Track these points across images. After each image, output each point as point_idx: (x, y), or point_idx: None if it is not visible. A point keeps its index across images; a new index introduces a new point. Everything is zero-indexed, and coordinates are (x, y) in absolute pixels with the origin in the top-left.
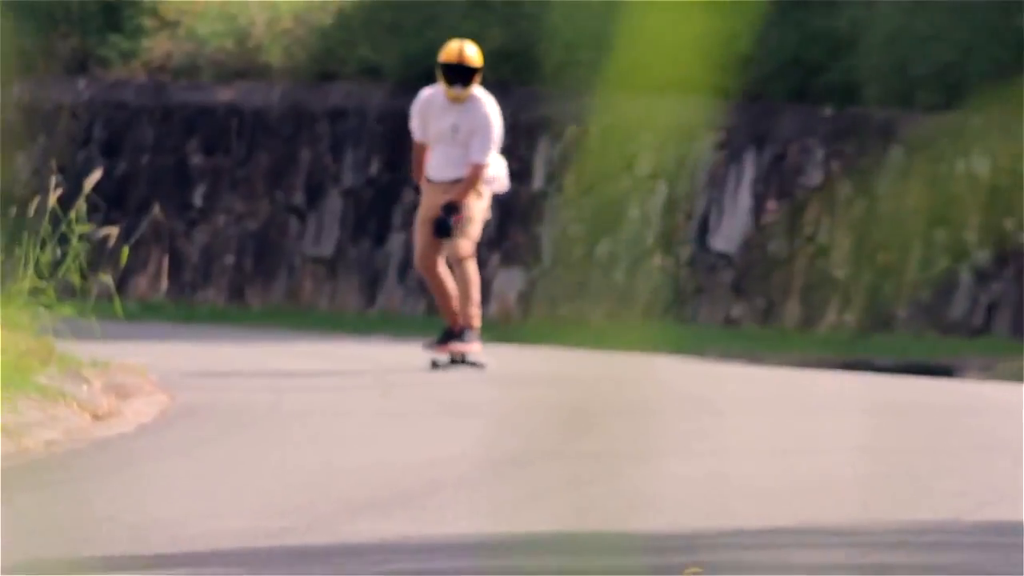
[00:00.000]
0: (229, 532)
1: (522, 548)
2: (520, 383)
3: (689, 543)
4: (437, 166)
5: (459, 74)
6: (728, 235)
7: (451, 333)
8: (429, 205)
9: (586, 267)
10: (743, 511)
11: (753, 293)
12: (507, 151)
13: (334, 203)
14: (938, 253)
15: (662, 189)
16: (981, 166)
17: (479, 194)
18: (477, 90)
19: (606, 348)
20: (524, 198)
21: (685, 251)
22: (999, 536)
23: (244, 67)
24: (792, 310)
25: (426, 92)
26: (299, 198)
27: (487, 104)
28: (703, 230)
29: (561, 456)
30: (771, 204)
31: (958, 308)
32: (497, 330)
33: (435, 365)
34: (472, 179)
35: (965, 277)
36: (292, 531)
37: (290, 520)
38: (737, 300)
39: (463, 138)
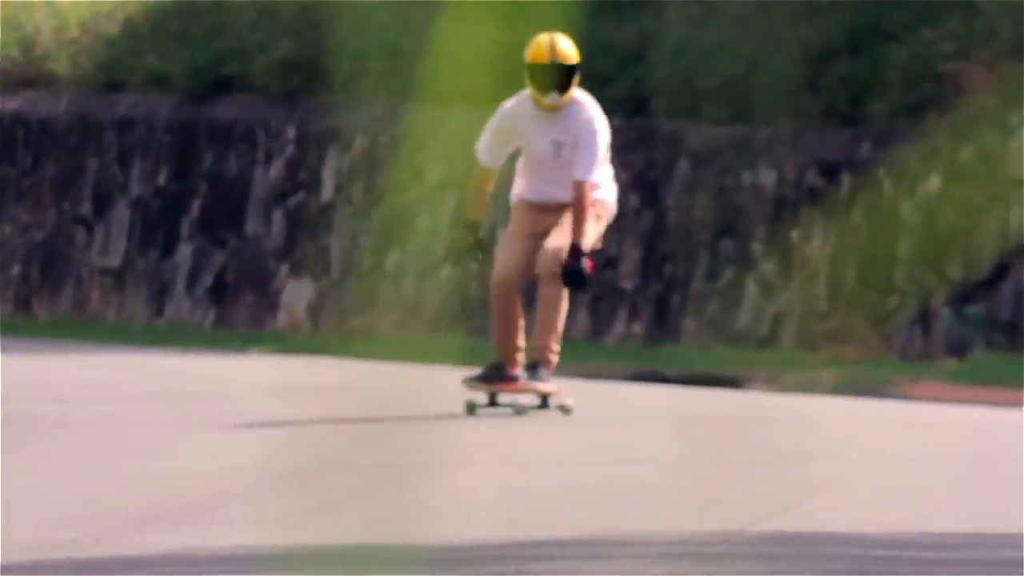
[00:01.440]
0: (14, 544)
1: (309, 560)
2: (309, 395)
3: (476, 555)
4: (538, 189)
5: (553, 76)
6: None
7: (503, 373)
8: (527, 226)
9: (375, 278)
10: (531, 522)
11: None
12: (295, 162)
13: (121, 213)
14: (724, 264)
15: (451, 200)
16: (767, 178)
17: (597, 217)
18: (576, 92)
19: (395, 360)
20: (313, 208)
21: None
22: (784, 547)
23: (30, 76)
24: (580, 321)
25: (510, 105)
26: (86, 208)
27: (590, 108)
28: (491, 241)
29: (349, 468)
30: None
31: (744, 319)
32: (285, 341)
33: (472, 409)
34: (581, 205)
35: (751, 288)
36: (78, 543)
37: (76, 532)
38: (525, 311)
39: (569, 154)
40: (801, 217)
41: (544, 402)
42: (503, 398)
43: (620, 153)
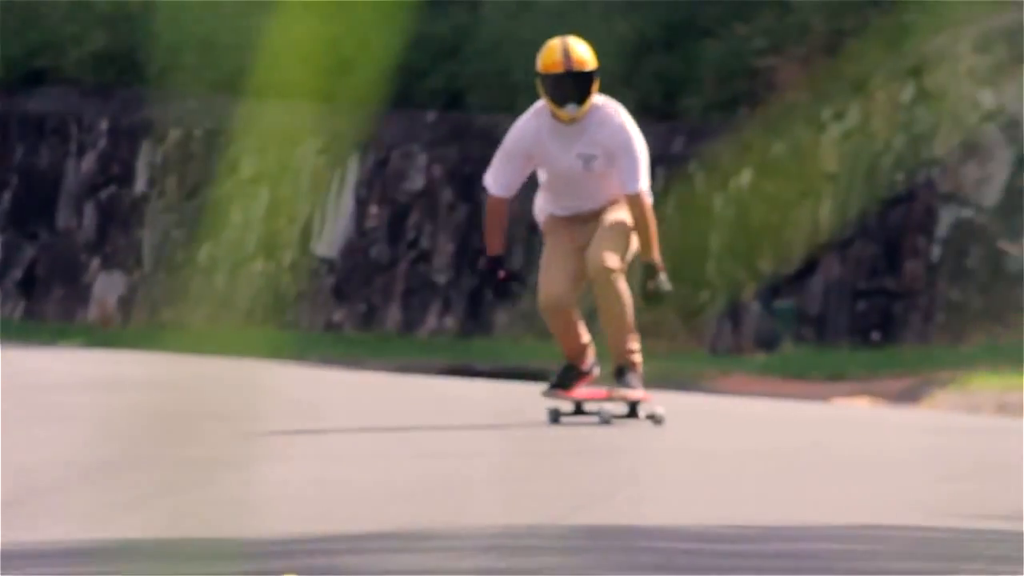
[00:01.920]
0: None
1: (115, 555)
2: (118, 388)
3: (286, 548)
4: (568, 205)
5: (571, 86)
6: (330, 240)
7: (577, 371)
8: (565, 240)
9: (187, 272)
10: (342, 516)
11: (355, 298)
12: (108, 155)
13: None
14: (537, 258)
15: (264, 194)
16: None
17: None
18: (597, 99)
19: (207, 353)
20: (126, 201)
21: (287, 256)
22: (593, 540)
23: None
24: (393, 315)
25: (523, 124)
26: None
27: (616, 113)
28: (305, 235)
29: (158, 462)
30: (373, 209)
31: None
32: (97, 334)
33: (556, 418)
34: (644, 219)
35: None
36: None
37: None
38: (339, 305)
39: (603, 167)
40: None
41: (633, 410)
42: (590, 406)
43: (435, 147)
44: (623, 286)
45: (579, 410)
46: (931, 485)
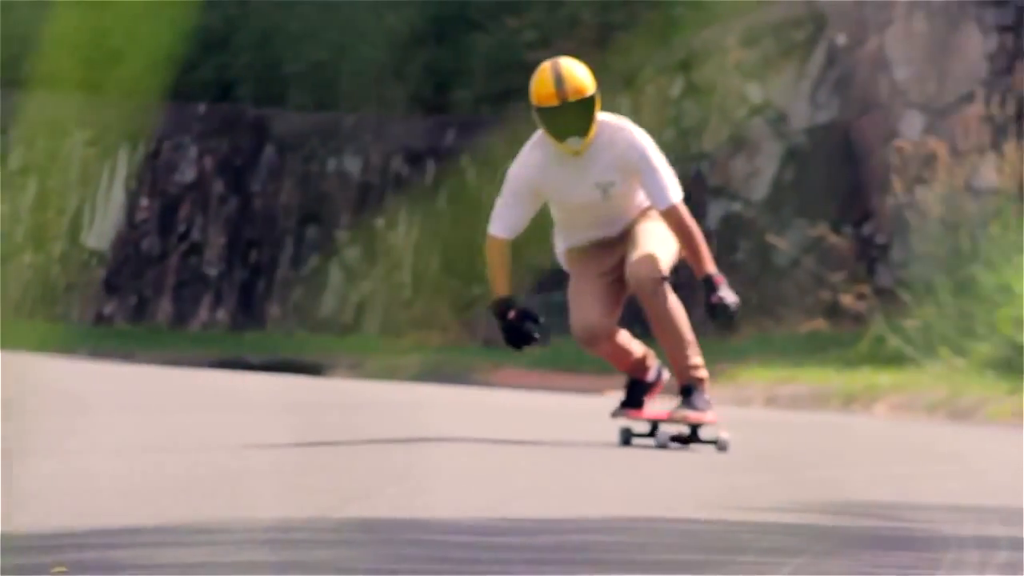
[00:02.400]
0: None
1: None
2: None
3: (55, 542)
4: (589, 236)
5: (570, 119)
6: (101, 232)
7: (642, 385)
8: (592, 267)
9: None
10: (111, 509)
11: (125, 290)
12: None
13: None
14: (309, 251)
15: (33, 185)
16: (352, 165)
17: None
18: (600, 117)
19: None
20: None
21: (56, 248)
22: (365, 533)
23: None
24: (165, 308)
25: (524, 159)
26: None
27: (621, 126)
28: (75, 227)
29: None
30: (144, 201)
31: (328, 306)
32: None
33: (627, 439)
34: (688, 231)
35: (335, 275)
36: None
37: None
38: (109, 297)
39: (623, 189)
40: (386, 204)
41: (694, 433)
42: (664, 428)
43: (205, 139)
44: (672, 295)
45: (654, 431)
46: (702, 477)
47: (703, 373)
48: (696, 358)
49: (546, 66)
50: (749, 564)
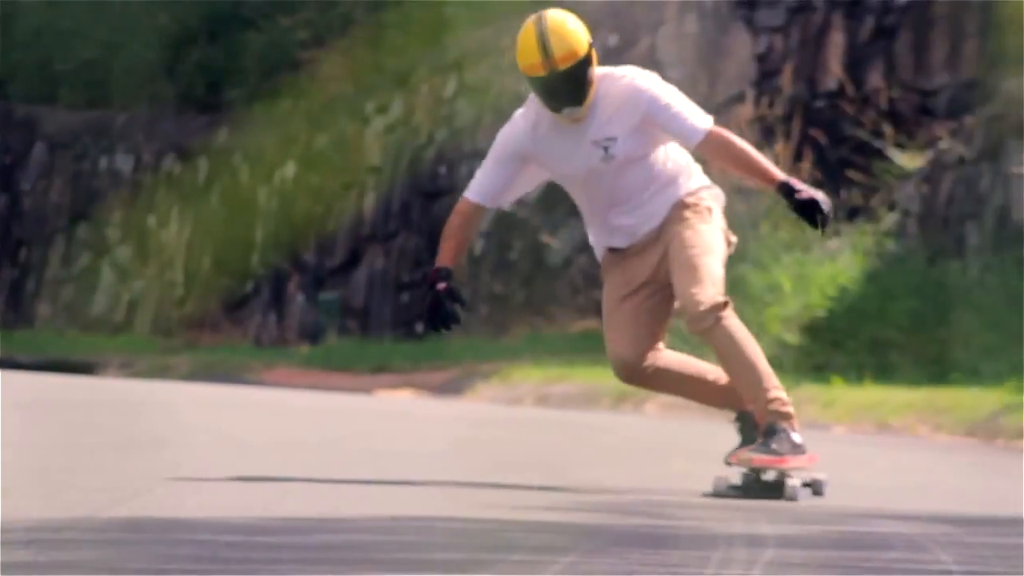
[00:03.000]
0: None
1: None
2: None
3: None
4: (610, 227)
5: (561, 87)
6: None
7: (751, 418)
8: (619, 284)
9: None
10: None
11: None
12: None
13: None
14: (80, 250)
15: None
16: (124, 163)
17: (709, 211)
18: (598, 73)
19: None
20: None
21: None
22: (134, 533)
23: None
24: None
25: (518, 119)
26: None
27: (621, 75)
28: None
29: None
30: None
31: (99, 305)
32: None
33: (748, 489)
34: (735, 149)
35: (107, 274)
36: None
37: None
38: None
39: (625, 149)
40: (158, 203)
41: (778, 484)
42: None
43: None
44: (733, 323)
45: (763, 481)
46: (473, 476)
47: (785, 408)
48: (776, 391)
49: (530, 26)
50: (519, 563)
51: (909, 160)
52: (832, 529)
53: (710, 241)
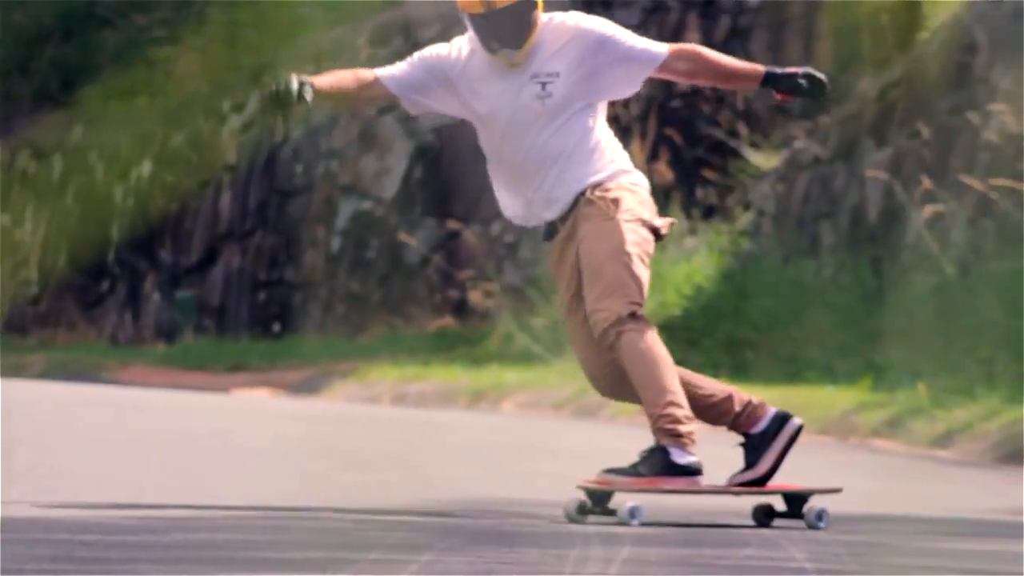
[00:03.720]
0: None
1: None
2: None
3: None
4: (523, 196)
5: (499, 27)
6: None
7: (752, 441)
8: (564, 285)
9: None
10: None
11: None
12: None
13: None
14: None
15: None
16: None
17: (616, 203)
18: (543, 19)
19: None
20: None
21: None
22: None
23: None
24: None
25: (454, 43)
26: None
27: (570, 15)
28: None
29: None
30: None
31: None
32: None
33: (762, 519)
34: (695, 60)
35: None
36: None
37: None
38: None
39: (563, 91)
40: (12, 201)
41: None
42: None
43: None
44: (633, 338)
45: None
46: (331, 474)
47: (680, 427)
48: (669, 408)
49: None
50: (377, 561)
51: (764, 160)
52: (688, 527)
53: (617, 241)
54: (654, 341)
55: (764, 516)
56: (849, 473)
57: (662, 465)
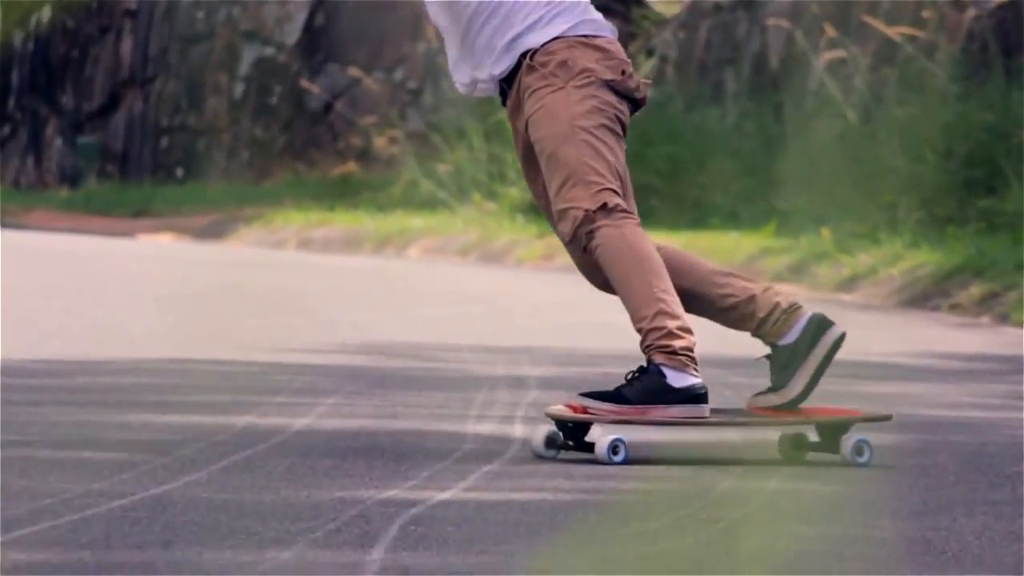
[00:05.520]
0: None
1: None
2: None
3: None
4: (456, 56)
5: None
6: None
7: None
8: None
9: None
10: None
11: None
12: None
13: None
14: None
15: None
16: None
17: (562, 65)
18: None
19: None
20: None
21: None
22: None
23: None
24: None
25: None
26: None
27: None
28: None
29: None
30: None
31: None
32: None
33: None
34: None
35: None
36: None
37: None
38: None
39: None
40: None
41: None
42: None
43: None
44: (610, 234)
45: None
46: (235, 319)
47: (674, 341)
48: (659, 319)
49: None
50: (282, 404)
51: (666, 7)
52: (593, 371)
53: (569, 116)
54: (636, 236)
55: (793, 448)
56: None
57: (655, 390)
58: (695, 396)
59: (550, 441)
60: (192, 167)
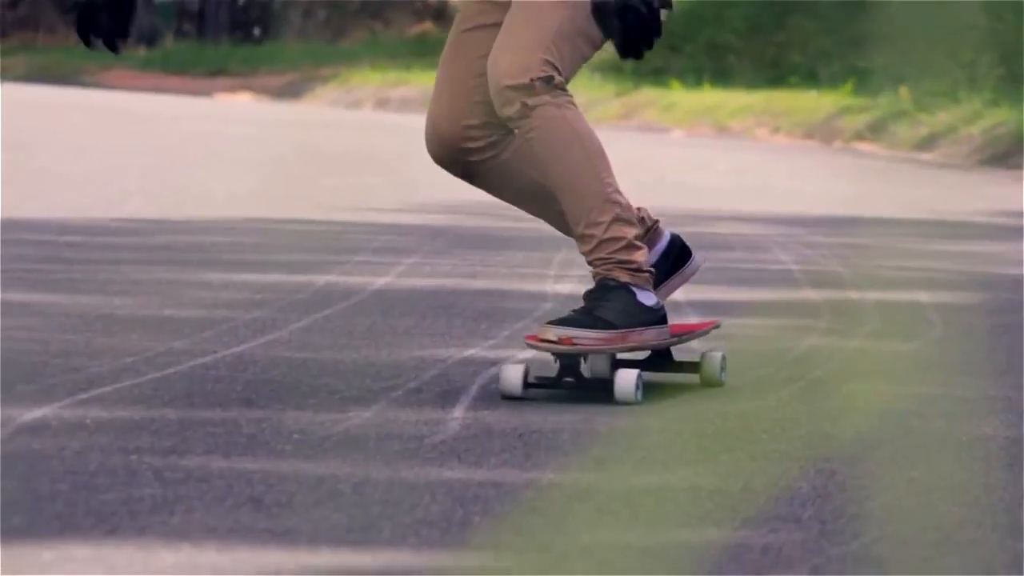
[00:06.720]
0: None
1: None
2: None
3: None
4: None
5: None
6: None
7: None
8: (474, 11)
9: None
10: None
11: None
12: None
13: None
14: None
15: None
16: None
17: None
18: None
19: None
20: None
21: None
22: None
23: None
24: None
25: None
26: None
27: None
28: None
29: None
30: None
31: None
32: None
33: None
34: None
35: None
36: None
37: None
38: None
39: None
40: None
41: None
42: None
43: None
44: (552, 113)
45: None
46: (314, 179)
47: (635, 255)
48: (615, 225)
49: None
50: (362, 263)
51: None
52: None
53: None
54: (582, 123)
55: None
56: (832, 177)
57: (632, 311)
58: (663, 316)
59: (529, 379)
60: (269, 26)
